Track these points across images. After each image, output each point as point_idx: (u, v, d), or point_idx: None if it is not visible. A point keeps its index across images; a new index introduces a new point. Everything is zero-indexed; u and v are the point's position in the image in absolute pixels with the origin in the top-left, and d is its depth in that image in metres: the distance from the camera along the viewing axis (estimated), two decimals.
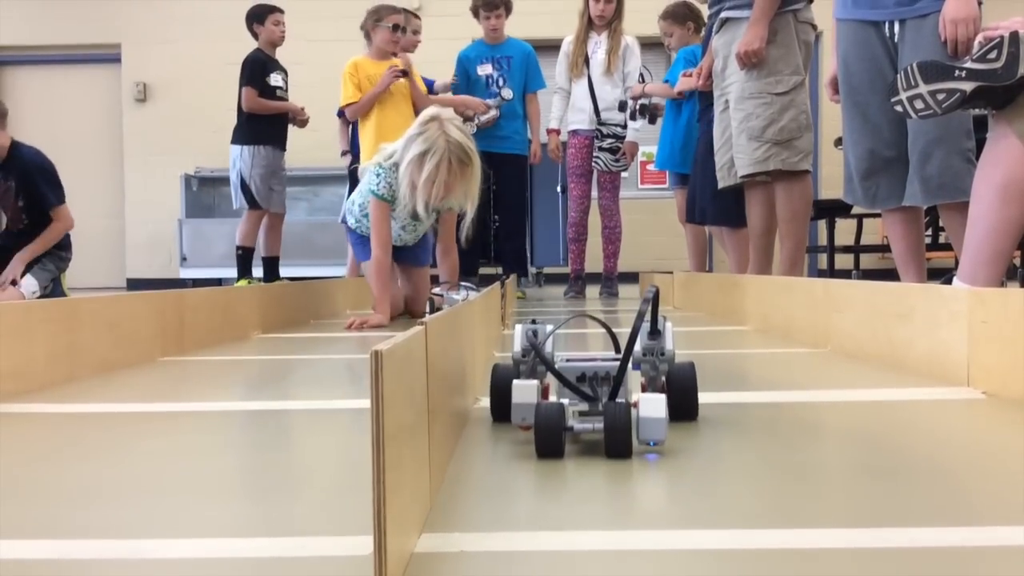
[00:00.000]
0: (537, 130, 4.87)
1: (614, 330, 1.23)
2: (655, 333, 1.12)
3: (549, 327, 1.15)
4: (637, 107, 4.70)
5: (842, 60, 2.86)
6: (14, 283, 4.00)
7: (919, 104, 2.11)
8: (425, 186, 2.78)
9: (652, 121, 4.78)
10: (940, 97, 2.06)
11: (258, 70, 4.92)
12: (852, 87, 2.82)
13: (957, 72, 2.02)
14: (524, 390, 1.01)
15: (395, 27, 4.37)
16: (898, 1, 2.68)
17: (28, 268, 4.09)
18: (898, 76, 2.17)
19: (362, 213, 3.17)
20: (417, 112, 3.71)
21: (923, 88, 2.09)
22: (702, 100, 4.23)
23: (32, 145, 4.19)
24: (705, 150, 4.06)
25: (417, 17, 5.13)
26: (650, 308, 1.06)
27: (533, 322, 1.15)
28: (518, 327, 1.14)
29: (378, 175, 2.97)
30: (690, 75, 4.25)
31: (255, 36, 5.04)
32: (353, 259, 4.68)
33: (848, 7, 2.81)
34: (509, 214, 4.87)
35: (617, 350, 1.20)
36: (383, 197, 2.96)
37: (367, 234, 3.13)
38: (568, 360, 1.09)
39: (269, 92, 4.93)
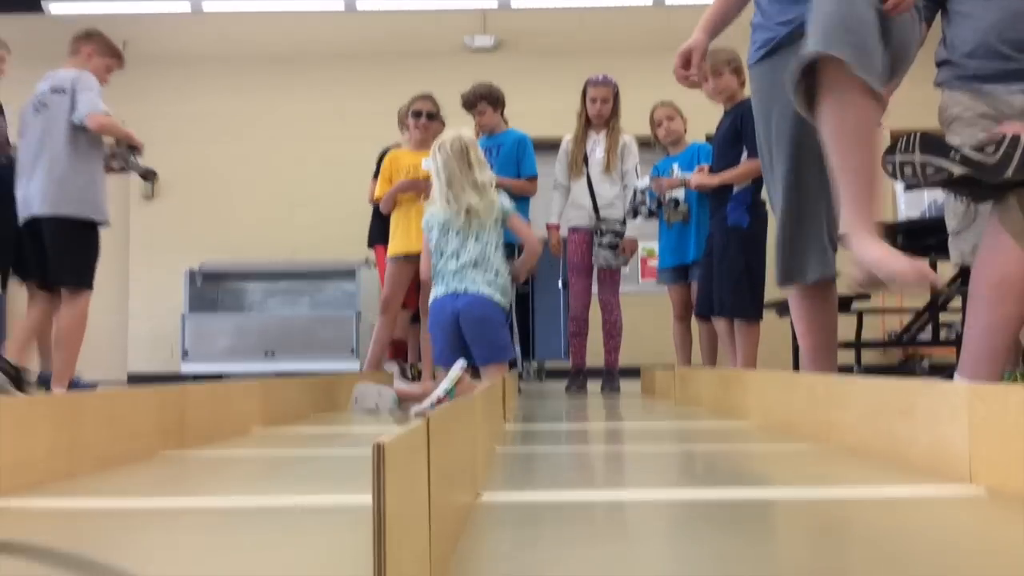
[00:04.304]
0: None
1: (614, 424, 1.23)
2: None
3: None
4: (638, 203, 4.74)
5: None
6: None
7: (908, 171, 2.14)
8: (443, 184, 3.33)
9: (653, 215, 4.82)
10: (929, 171, 2.09)
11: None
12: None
13: (953, 153, 2.06)
14: None
15: (417, 113, 4.50)
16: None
17: None
18: (900, 139, 2.18)
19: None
20: None
21: (917, 157, 2.12)
22: (713, 198, 4.33)
23: None
24: (722, 244, 4.13)
25: (442, 124, 5.11)
26: None
27: None
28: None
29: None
30: (703, 169, 4.37)
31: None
32: (375, 351, 4.64)
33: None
34: None
35: None
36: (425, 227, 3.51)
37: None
38: None
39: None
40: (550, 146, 5.43)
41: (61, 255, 3.83)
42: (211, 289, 8.24)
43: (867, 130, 2.02)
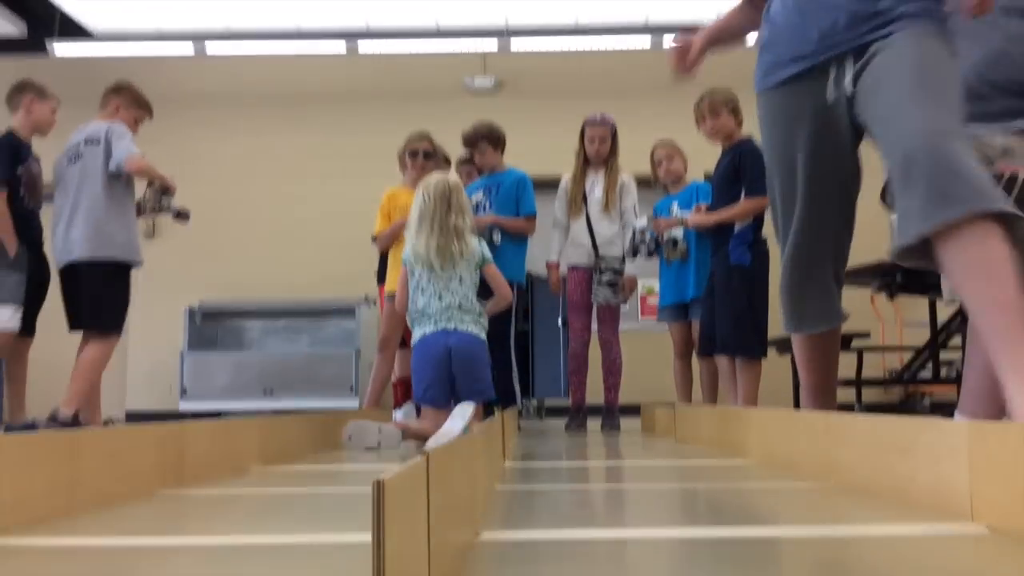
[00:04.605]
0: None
1: (614, 462, 1.23)
2: None
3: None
4: (639, 242, 4.77)
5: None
6: None
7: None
8: (420, 224, 3.42)
9: (652, 255, 4.84)
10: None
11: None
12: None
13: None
14: None
15: (414, 153, 4.56)
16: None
17: None
18: None
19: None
20: None
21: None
22: (714, 237, 4.35)
23: None
24: (724, 282, 4.14)
25: (447, 161, 5.14)
26: None
27: None
28: None
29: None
30: (701, 209, 4.41)
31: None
32: (374, 388, 4.64)
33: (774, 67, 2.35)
34: (492, 345, 4.34)
35: None
36: (404, 261, 3.55)
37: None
38: None
39: None
40: (550, 185, 5.46)
41: (99, 297, 4.02)
42: (210, 327, 8.23)
43: (1010, 264, 1.83)
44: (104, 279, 4.03)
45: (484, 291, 3.68)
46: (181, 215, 4.32)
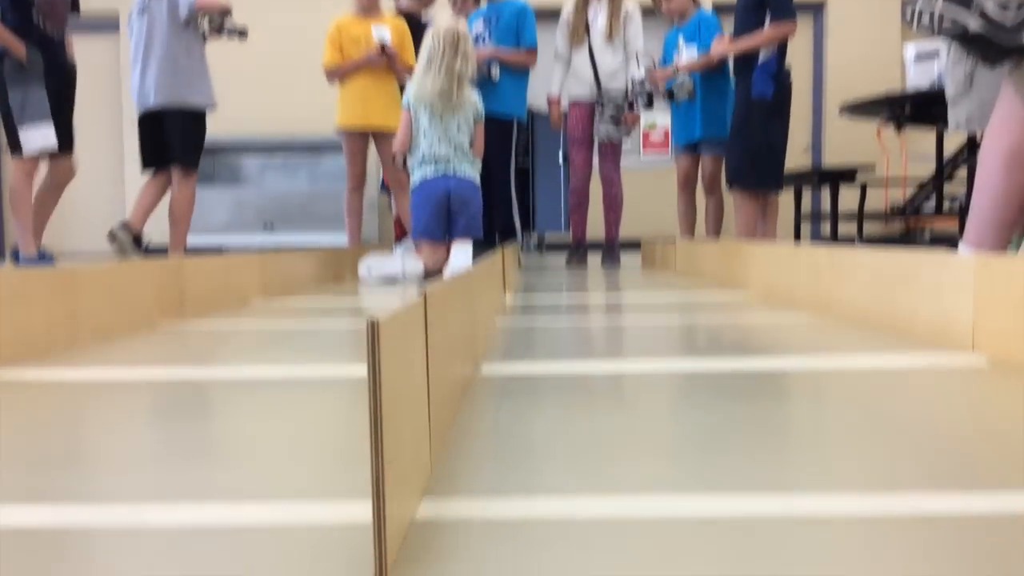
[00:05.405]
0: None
1: (612, 298, 1.22)
2: None
3: None
4: (637, 93, 4.69)
5: None
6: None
7: (924, 19, 2.04)
8: (428, 66, 3.55)
9: (649, 105, 4.78)
10: (946, 24, 2.00)
11: None
12: None
13: (975, 5, 1.97)
14: None
15: None
16: None
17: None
18: None
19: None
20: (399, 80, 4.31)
21: (939, 6, 2.02)
22: (737, 67, 4.22)
23: None
24: (744, 114, 4.04)
25: None
26: None
27: None
28: None
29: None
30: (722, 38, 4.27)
31: None
32: (353, 229, 4.69)
33: None
34: (493, 181, 4.50)
35: None
36: (406, 105, 3.66)
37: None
38: None
39: None
40: (551, 15, 5.25)
41: (181, 140, 4.26)
42: (208, 162, 8.12)
43: None
44: (183, 123, 4.25)
45: None
46: (243, 34, 4.46)
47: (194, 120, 4.31)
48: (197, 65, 4.32)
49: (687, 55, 4.53)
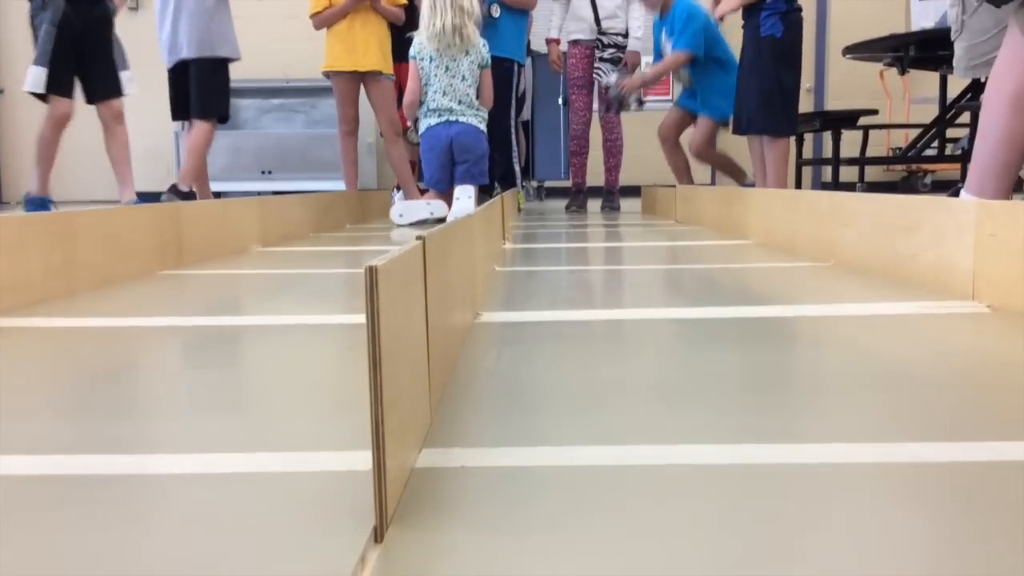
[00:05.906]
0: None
1: (614, 243, 1.21)
2: None
3: None
4: (612, 97, 4.69)
5: None
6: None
7: None
8: (433, 6, 3.58)
9: (620, 110, 4.78)
10: None
11: None
12: None
13: None
14: None
15: None
16: None
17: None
18: None
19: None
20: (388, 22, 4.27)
21: None
22: (744, 10, 4.13)
23: None
24: (752, 55, 3.95)
25: None
26: None
27: None
28: None
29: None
30: None
31: None
32: (350, 175, 4.65)
33: None
34: (493, 125, 4.25)
35: None
36: (414, 56, 3.70)
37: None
38: None
39: None
40: None
41: (205, 89, 4.40)
42: None
43: None
44: (209, 73, 4.37)
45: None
46: None
47: (219, 69, 4.42)
48: (226, 17, 4.41)
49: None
